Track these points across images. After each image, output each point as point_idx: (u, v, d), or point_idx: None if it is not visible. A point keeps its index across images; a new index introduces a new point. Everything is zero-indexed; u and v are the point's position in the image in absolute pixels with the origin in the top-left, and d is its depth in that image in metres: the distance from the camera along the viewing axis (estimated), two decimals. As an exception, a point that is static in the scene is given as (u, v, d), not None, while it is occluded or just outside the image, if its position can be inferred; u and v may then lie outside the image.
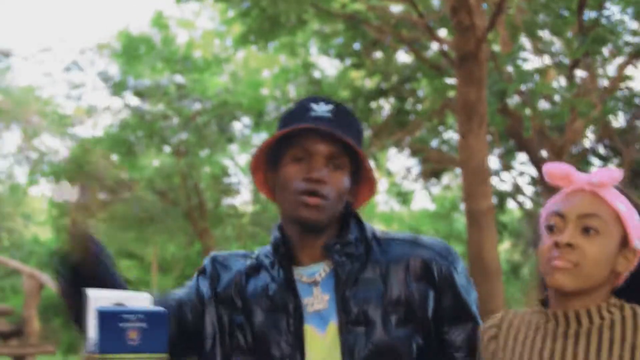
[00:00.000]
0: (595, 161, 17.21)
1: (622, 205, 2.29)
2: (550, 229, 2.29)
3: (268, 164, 2.53)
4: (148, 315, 1.69)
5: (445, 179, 18.98)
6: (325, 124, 2.43)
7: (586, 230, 2.25)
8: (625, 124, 16.55)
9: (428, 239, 2.63)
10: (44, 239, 31.85)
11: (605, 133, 16.25)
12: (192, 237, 20.39)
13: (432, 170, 17.92)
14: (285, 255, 2.49)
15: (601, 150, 17.14)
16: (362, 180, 2.53)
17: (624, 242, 2.29)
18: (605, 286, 2.31)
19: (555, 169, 2.35)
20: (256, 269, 2.55)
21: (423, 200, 44.72)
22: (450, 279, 2.53)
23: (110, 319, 1.66)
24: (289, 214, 2.45)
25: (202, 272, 2.62)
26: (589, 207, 2.27)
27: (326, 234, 2.50)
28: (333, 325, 2.44)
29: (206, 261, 2.68)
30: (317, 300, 2.47)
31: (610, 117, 15.60)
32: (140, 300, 1.75)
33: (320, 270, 2.49)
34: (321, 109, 2.47)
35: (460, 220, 23.26)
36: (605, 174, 2.30)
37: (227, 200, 20.85)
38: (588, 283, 2.26)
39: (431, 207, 26.93)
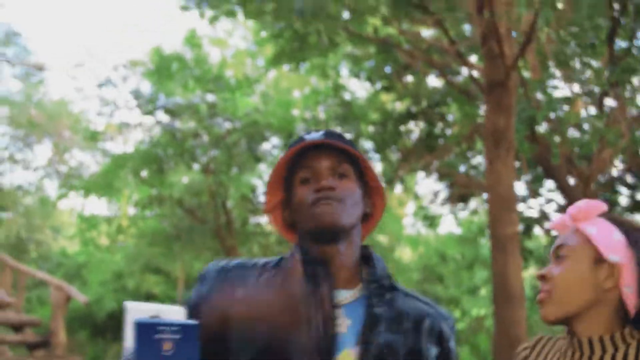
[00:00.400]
0: (623, 190, 17.19)
1: (592, 228, 2.43)
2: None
3: (282, 202, 2.65)
4: (182, 328, 1.78)
5: (473, 203, 18.96)
6: (319, 140, 2.55)
7: (558, 261, 2.43)
8: (653, 153, 16.54)
9: (435, 303, 2.76)
10: (71, 252, 32.04)
11: (634, 162, 16.24)
12: (219, 254, 20.49)
13: (459, 195, 17.94)
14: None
15: (629, 179, 17.11)
16: (372, 191, 2.64)
17: (598, 259, 2.40)
18: (599, 307, 2.42)
19: (557, 221, 2.55)
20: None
21: (450, 224, 44.74)
22: (452, 350, 2.66)
23: (146, 330, 1.76)
24: (308, 230, 2.52)
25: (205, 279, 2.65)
26: (560, 239, 2.48)
27: (349, 260, 2.59)
28: (347, 354, 2.49)
29: (212, 271, 2.67)
30: (339, 322, 2.53)
31: (639, 146, 15.59)
32: (174, 313, 1.85)
33: (348, 295, 2.56)
34: (313, 135, 2.60)
35: (486, 246, 23.26)
36: (574, 207, 2.50)
37: (254, 219, 20.93)
38: (569, 307, 2.41)
39: (458, 231, 26.91)
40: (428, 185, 39.55)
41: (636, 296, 2.42)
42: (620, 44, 13.60)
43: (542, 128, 14.65)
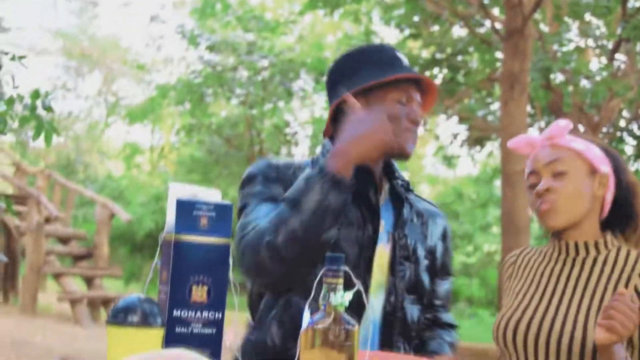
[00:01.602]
0: (629, 140, 17.17)
1: (578, 143, 2.52)
2: (532, 187, 2.55)
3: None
4: (217, 207, 1.93)
5: (489, 147, 18.97)
6: (414, 73, 2.63)
7: (556, 175, 2.49)
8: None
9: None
10: (116, 175, 32.25)
11: (640, 114, 16.23)
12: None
13: (476, 137, 17.97)
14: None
15: (635, 129, 17.08)
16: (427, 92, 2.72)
17: (592, 170, 2.52)
18: (592, 215, 2.54)
19: (517, 142, 2.63)
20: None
21: (467, 166, 44.61)
22: (450, 243, 2.84)
23: (186, 207, 1.90)
24: (393, 145, 2.52)
25: (269, 179, 2.62)
26: (551, 155, 2.51)
27: (380, 166, 2.70)
28: (382, 249, 2.62)
29: (263, 167, 2.65)
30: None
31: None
32: (212, 195, 1.99)
33: (380, 198, 2.67)
34: (404, 59, 2.68)
35: (499, 186, 23.30)
36: (556, 127, 2.54)
37: (285, 149, 20.97)
38: (572, 216, 2.49)
39: (474, 172, 26.91)
40: (448, 128, 39.27)
41: (610, 203, 2.57)
42: (634, 3, 13.55)
43: (557, 78, 14.63)
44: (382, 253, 2.61)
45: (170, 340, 1.86)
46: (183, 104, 19.01)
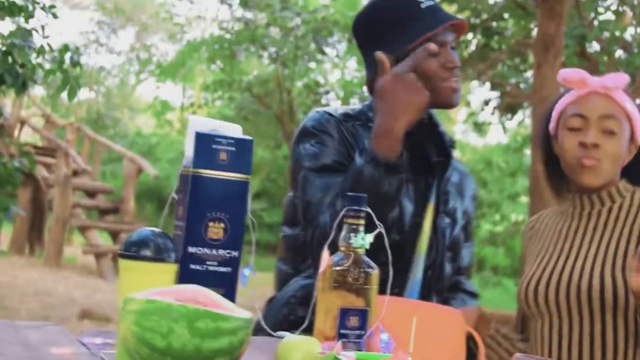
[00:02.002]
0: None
1: (630, 105, 2.46)
2: (572, 130, 2.44)
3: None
4: (237, 142, 1.87)
5: (520, 115, 18.83)
6: (448, 15, 2.56)
7: (606, 132, 2.40)
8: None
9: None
10: (146, 132, 32.33)
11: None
12: (279, 139, 20.52)
13: (508, 104, 17.83)
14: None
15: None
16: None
17: (632, 137, 2.47)
18: (616, 176, 2.49)
19: (571, 73, 2.50)
20: None
21: (498, 134, 44.43)
22: (476, 204, 2.83)
23: (205, 140, 1.84)
24: (430, 101, 2.46)
25: (326, 134, 2.54)
26: (607, 109, 2.42)
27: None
28: (430, 208, 2.60)
29: (320, 121, 2.58)
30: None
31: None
32: (232, 129, 1.93)
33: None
34: (448, 14, 2.59)
35: (530, 156, 23.18)
36: (617, 78, 2.46)
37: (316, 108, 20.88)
38: (608, 178, 2.45)
39: (505, 141, 26.78)
40: (480, 95, 39.08)
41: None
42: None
43: (592, 47, 14.47)
44: (430, 209, 2.59)
45: (185, 277, 1.82)
46: (214, 61, 18.94)
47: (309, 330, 1.87)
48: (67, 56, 6.75)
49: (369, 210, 1.83)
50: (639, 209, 2.43)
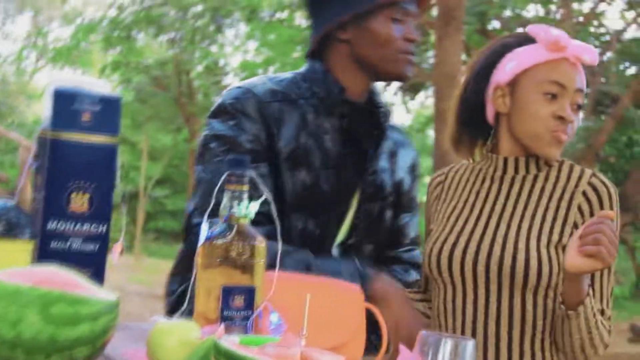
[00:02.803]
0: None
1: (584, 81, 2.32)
2: (548, 95, 2.24)
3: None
4: (103, 100, 1.64)
5: (422, 96, 18.91)
6: None
7: (575, 106, 2.24)
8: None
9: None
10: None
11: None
12: (179, 123, 20.30)
13: (410, 85, 17.85)
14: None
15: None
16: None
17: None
18: None
19: (544, 30, 2.28)
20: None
21: (401, 116, 44.70)
22: (418, 174, 2.69)
23: (64, 98, 1.62)
24: (383, 69, 2.40)
25: (245, 115, 2.36)
26: (580, 82, 2.26)
27: None
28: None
29: (239, 99, 2.39)
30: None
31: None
32: (99, 86, 1.69)
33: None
34: None
35: (432, 136, 23.39)
36: (594, 54, 2.28)
37: (217, 90, 20.68)
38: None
39: (408, 122, 26.92)
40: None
41: None
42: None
43: (493, 25, 14.52)
44: (356, 196, 2.48)
45: (45, 256, 1.61)
46: (111, 44, 18.57)
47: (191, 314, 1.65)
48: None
49: (253, 175, 1.61)
50: (566, 186, 2.27)
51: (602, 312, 2.19)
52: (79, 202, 1.63)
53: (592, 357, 2.17)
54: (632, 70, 15.05)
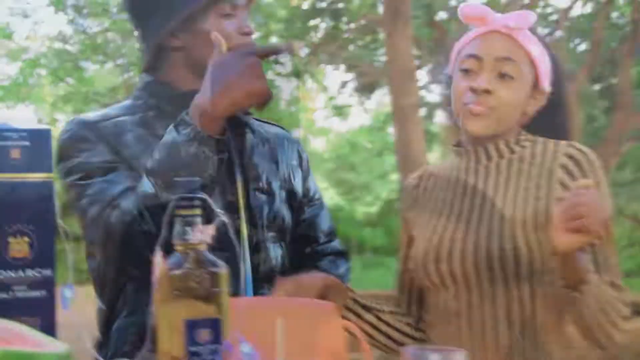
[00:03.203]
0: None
1: (535, 48, 2.20)
2: (466, 71, 2.17)
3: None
4: (32, 133, 1.51)
5: (379, 94, 18.90)
6: None
7: (502, 76, 2.14)
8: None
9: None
10: None
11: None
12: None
13: (366, 84, 17.85)
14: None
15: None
16: None
17: (535, 84, 2.20)
18: (515, 126, 2.23)
19: (472, 9, 2.22)
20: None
21: (360, 118, 44.79)
22: (307, 165, 2.57)
23: (-10, 136, 1.48)
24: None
25: (89, 142, 2.27)
26: (505, 51, 2.16)
27: None
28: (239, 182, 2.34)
29: (75, 131, 2.30)
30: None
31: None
32: (24, 118, 1.56)
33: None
34: None
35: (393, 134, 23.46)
36: (522, 17, 2.19)
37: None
38: (501, 127, 2.20)
39: (367, 123, 27.01)
40: (337, 78, 39.49)
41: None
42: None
43: (440, 16, 14.52)
44: (239, 187, 2.34)
45: (-12, 309, 1.45)
46: (59, 76, 18.39)
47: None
48: None
49: (205, 196, 1.48)
50: (542, 162, 2.18)
51: (612, 284, 2.08)
52: (19, 246, 1.49)
53: (615, 335, 2.05)
54: (583, 47, 15.12)
